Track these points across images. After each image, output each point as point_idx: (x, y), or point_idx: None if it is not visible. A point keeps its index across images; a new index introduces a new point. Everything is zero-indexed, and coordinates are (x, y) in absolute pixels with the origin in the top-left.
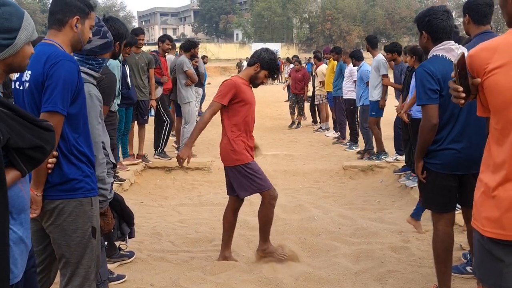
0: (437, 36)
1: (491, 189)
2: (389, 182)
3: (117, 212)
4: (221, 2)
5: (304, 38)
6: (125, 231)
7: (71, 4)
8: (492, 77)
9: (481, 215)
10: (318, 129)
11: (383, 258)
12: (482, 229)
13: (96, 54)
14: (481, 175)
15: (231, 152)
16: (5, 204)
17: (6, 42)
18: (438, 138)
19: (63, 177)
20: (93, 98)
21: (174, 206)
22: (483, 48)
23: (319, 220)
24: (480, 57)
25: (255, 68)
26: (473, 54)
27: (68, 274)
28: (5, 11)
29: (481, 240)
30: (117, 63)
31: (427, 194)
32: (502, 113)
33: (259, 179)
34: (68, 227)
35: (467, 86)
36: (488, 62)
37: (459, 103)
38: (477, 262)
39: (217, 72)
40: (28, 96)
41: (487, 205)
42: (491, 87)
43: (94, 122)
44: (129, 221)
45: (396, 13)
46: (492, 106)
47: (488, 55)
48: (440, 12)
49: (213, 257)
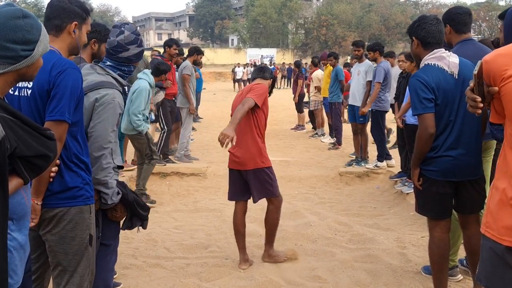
0: (427, 41)
1: (508, 197)
2: (385, 188)
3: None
4: (216, 8)
5: (299, 43)
6: (135, 224)
7: (69, 10)
8: (510, 84)
9: (498, 224)
10: (314, 134)
11: (379, 264)
12: (499, 238)
13: (131, 62)
14: (496, 182)
15: (257, 154)
16: (5, 212)
17: (24, 53)
18: (434, 146)
19: (64, 185)
20: (115, 105)
21: (169, 212)
22: (500, 53)
23: (315, 226)
24: (497, 62)
25: (269, 82)
26: (489, 60)
27: (63, 283)
28: (27, 23)
29: (495, 249)
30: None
31: (423, 201)
32: None
33: (276, 183)
34: (67, 235)
35: (483, 94)
36: (506, 68)
37: (476, 112)
38: (488, 271)
39: (212, 78)
40: (28, 103)
41: (505, 214)
42: (508, 94)
43: (109, 128)
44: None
45: (391, 19)
46: (509, 113)
47: (506, 61)
48: (429, 18)
49: (208, 263)
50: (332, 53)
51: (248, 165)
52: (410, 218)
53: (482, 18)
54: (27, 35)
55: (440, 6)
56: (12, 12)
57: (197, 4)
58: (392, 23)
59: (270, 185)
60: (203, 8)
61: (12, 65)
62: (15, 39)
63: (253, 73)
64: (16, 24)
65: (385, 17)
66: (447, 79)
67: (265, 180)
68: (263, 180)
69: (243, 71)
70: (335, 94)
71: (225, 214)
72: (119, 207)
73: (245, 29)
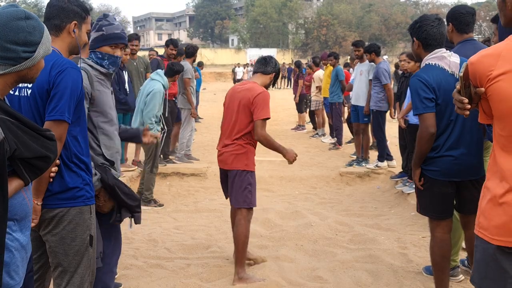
0: (428, 42)
1: (498, 196)
2: (386, 188)
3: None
4: (216, 8)
5: (299, 43)
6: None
7: (68, 10)
8: (496, 84)
9: (490, 224)
10: (315, 135)
11: (380, 264)
12: (490, 238)
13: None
14: (487, 182)
15: (243, 156)
16: (4, 214)
17: (26, 55)
18: (435, 146)
19: (64, 186)
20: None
21: (170, 212)
22: (485, 54)
23: (316, 227)
24: (483, 63)
25: (271, 77)
26: (474, 61)
27: (64, 284)
28: (30, 24)
29: (488, 250)
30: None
31: (424, 201)
32: (507, 119)
33: (254, 192)
34: (67, 236)
35: (470, 95)
36: (491, 69)
37: (464, 114)
38: (481, 272)
39: (212, 78)
40: (28, 103)
41: (496, 213)
42: (495, 94)
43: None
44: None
45: (391, 19)
46: (496, 113)
47: (491, 62)
48: (431, 19)
49: (209, 264)
50: (333, 53)
51: (230, 165)
52: (411, 218)
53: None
54: (29, 36)
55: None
56: (14, 13)
57: (197, 4)
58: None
59: (249, 192)
60: (203, 8)
61: (13, 66)
62: (17, 40)
63: (255, 64)
64: (18, 25)
65: (385, 17)
66: (448, 79)
67: (245, 186)
68: (242, 184)
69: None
70: (336, 94)
71: (225, 214)
72: (102, 194)
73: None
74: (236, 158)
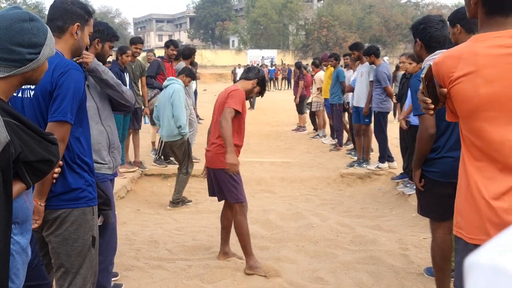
0: (430, 44)
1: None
2: (386, 190)
3: None
4: (217, 9)
5: (300, 45)
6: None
7: (71, 11)
8: (457, 86)
9: (466, 223)
10: (315, 136)
11: (381, 265)
12: (467, 237)
13: None
14: (459, 181)
15: (223, 155)
16: (9, 217)
17: (30, 56)
18: (436, 147)
19: (67, 187)
20: None
21: (171, 213)
22: (448, 56)
23: (317, 228)
24: (445, 64)
25: (253, 83)
26: (438, 62)
27: (66, 284)
28: (34, 26)
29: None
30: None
31: (425, 202)
32: (468, 119)
33: (241, 188)
34: (70, 237)
35: (436, 95)
36: (453, 71)
37: (429, 113)
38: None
39: (213, 79)
40: (31, 104)
41: (471, 211)
42: (457, 95)
43: None
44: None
45: (392, 20)
46: (459, 113)
47: (453, 63)
48: (435, 21)
49: (211, 265)
50: (333, 54)
51: (213, 164)
52: (412, 220)
53: None
54: (34, 38)
55: (441, 7)
56: (18, 15)
57: (197, 5)
58: (393, 24)
59: (233, 186)
60: (204, 9)
61: (18, 68)
62: (21, 42)
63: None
64: (22, 27)
65: (386, 18)
66: None
67: (227, 181)
68: (226, 180)
69: None
70: (336, 95)
71: None
72: None
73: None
74: (218, 157)
